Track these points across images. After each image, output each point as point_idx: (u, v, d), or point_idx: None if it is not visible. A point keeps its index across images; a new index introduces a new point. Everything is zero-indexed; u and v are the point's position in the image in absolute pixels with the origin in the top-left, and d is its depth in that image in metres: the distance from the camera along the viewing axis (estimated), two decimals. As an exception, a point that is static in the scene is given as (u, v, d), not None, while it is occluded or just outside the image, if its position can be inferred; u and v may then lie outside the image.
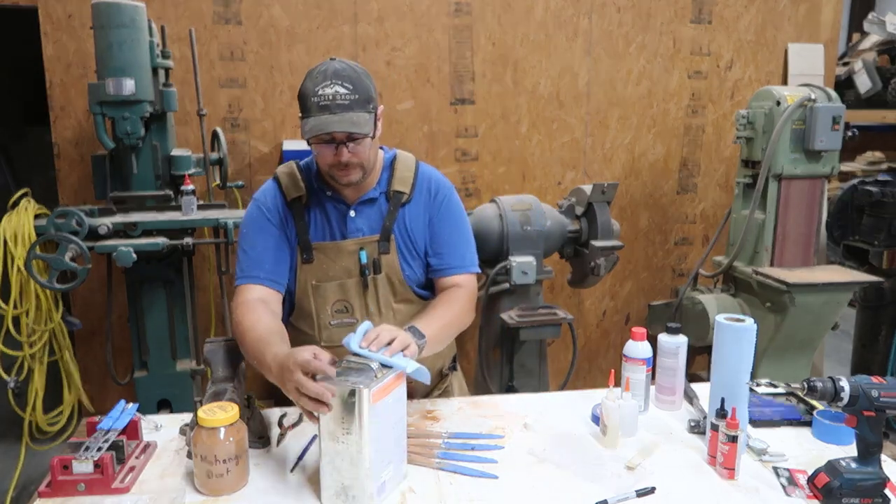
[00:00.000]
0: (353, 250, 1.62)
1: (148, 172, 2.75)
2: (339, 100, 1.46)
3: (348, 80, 1.47)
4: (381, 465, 1.25)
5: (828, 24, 3.75)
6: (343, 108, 1.46)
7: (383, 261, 1.63)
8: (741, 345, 1.42)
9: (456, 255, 1.68)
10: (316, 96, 1.46)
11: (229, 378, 1.53)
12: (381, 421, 1.23)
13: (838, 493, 1.26)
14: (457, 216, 1.70)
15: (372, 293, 1.64)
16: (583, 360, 3.84)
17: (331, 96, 1.45)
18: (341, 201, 1.63)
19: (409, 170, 1.67)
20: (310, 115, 1.47)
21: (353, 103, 1.47)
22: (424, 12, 3.34)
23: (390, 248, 1.63)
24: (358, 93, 1.47)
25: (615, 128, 3.65)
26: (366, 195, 1.63)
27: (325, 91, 1.46)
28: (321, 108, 1.46)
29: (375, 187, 1.64)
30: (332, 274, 1.63)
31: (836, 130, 2.83)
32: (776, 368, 2.99)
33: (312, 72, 1.50)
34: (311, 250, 1.62)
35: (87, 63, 3.05)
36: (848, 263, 3.33)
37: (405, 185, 1.65)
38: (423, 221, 1.66)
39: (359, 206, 1.63)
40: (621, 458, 1.43)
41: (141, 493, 1.29)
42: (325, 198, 1.64)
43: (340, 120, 1.45)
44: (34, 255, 2.41)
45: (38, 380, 2.66)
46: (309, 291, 1.63)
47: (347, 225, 1.63)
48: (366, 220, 1.64)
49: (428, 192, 1.67)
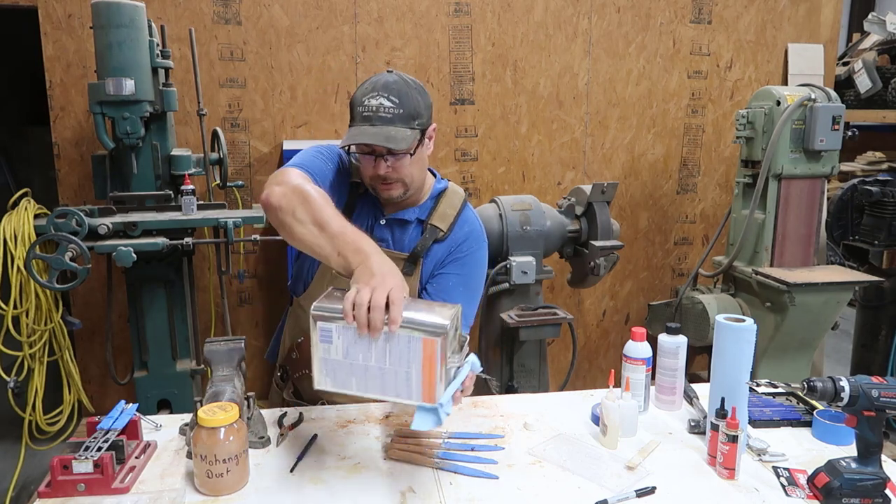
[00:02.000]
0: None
1: (148, 172, 2.75)
2: (382, 112, 1.44)
3: (396, 93, 1.45)
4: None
5: (828, 24, 3.75)
6: (384, 120, 1.44)
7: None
8: (741, 345, 1.42)
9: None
10: (361, 106, 1.46)
11: (229, 378, 1.53)
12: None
13: (838, 493, 1.25)
14: (471, 271, 1.64)
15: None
16: (583, 360, 3.84)
17: (374, 108, 1.44)
18: (379, 207, 1.62)
19: (454, 208, 1.64)
20: (353, 124, 1.47)
21: (396, 117, 1.45)
22: (424, 12, 3.34)
23: (415, 272, 1.60)
24: (403, 107, 1.45)
25: (615, 128, 3.65)
26: (402, 213, 1.61)
27: (371, 102, 1.45)
28: (363, 119, 1.45)
29: (415, 210, 1.61)
30: None
31: (836, 130, 2.83)
32: (776, 368, 2.99)
33: (367, 81, 1.50)
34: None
35: (87, 63, 3.05)
36: (848, 263, 3.33)
37: (444, 223, 1.62)
38: (439, 261, 1.62)
39: (390, 220, 1.61)
40: (621, 458, 1.43)
41: (141, 493, 1.29)
42: (368, 196, 1.62)
43: (377, 133, 1.43)
44: (34, 255, 2.41)
45: (38, 380, 2.65)
46: (327, 276, 1.58)
47: (374, 230, 1.61)
48: (391, 234, 1.62)
49: (457, 237, 1.63)
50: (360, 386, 1.20)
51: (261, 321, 3.49)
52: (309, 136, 3.34)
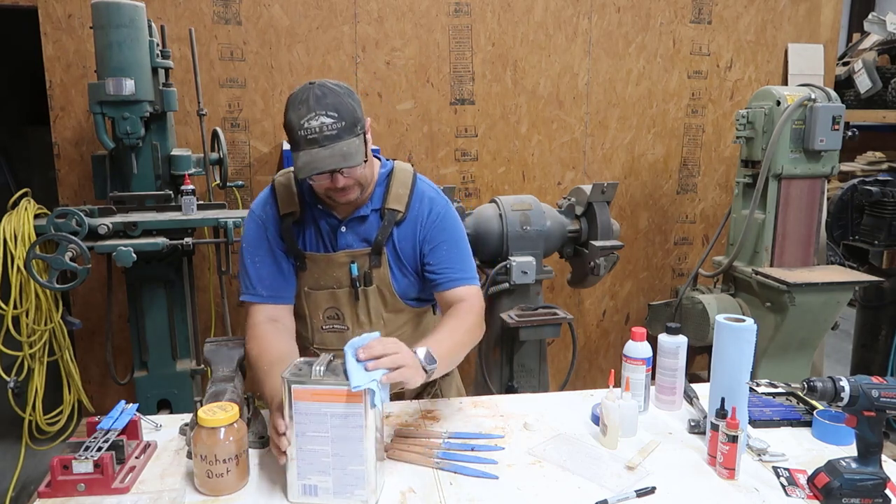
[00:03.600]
0: (343, 262, 1.63)
1: (148, 172, 2.75)
2: (327, 131, 1.41)
3: (331, 107, 1.42)
4: (307, 468, 1.25)
5: (828, 24, 3.75)
6: (331, 139, 1.42)
7: (374, 274, 1.64)
8: (741, 345, 1.42)
9: (456, 269, 1.64)
10: (302, 129, 1.42)
11: (229, 378, 1.53)
12: (306, 421, 1.23)
13: (838, 493, 1.25)
14: (452, 231, 1.66)
15: (363, 303, 1.65)
16: (583, 360, 3.84)
17: (317, 128, 1.41)
18: (333, 216, 1.63)
19: (405, 186, 1.64)
20: (299, 149, 1.44)
21: (342, 131, 1.43)
22: (424, 12, 3.34)
23: (381, 262, 1.63)
24: (344, 119, 1.43)
25: (615, 128, 3.65)
26: (357, 212, 1.62)
27: (311, 124, 1.42)
28: (310, 142, 1.42)
29: (368, 204, 1.63)
30: (324, 283, 1.65)
31: (836, 130, 2.83)
32: (776, 368, 2.99)
33: (294, 101, 1.45)
34: (304, 259, 1.64)
35: (87, 63, 3.05)
36: (848, 263, 3.33)
37: (400, 203, 1.62)
38: (414, 241, 1.64)
39: (350, 223, 1.63)
40: (621, 458, 1.43)
41: (141, 493, 1.29)
42: (318, 212, 1.64)
43: (332, 154, 1.42)
44: (34, 255, 2.41)
45: (38, 380, 2.65)
46: (302, 297, 1.67)
47: (338, 240, 1.63)
48: (355, 235, 1.64)
49: (420, 214, 1.64)
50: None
51: (261, 321, 3.48)
52: (309, 136, 3.34)
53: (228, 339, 1.65)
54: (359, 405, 1.22)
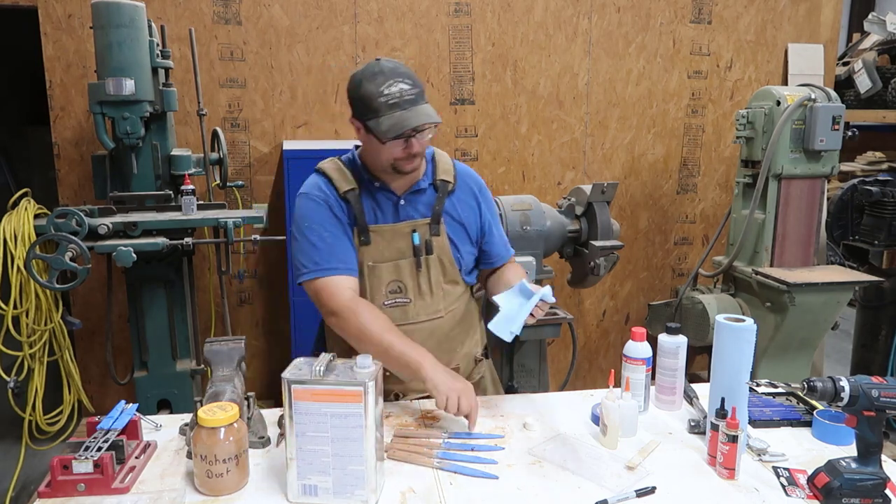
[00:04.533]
0: (406, 232, 1.69)
1: (148, 172, 2.75)
2: (406, 95, 1.53)
3: (406, 76, 1.55)
4: (307, 468, 1.26)
5: (828, 24, 3.75)
6: (412, 102, 1.54)
7: (435, 242, 1.70)
8: (741, 345, 1.42)
9: (503, 245, 1.85)
10: (383, 96, 1.52)
11: (229, 378, 1.53)
12: (306, 421, 1.24)
13: (838, 493, 1.25)
14: (495, 209, 1.86)
15: (424, 273, 1.70)
16: (583, 360, 3.84)
17: (397, 94, 1.52)
18: (391, 192, 1.69)
19: (449, 164, 1.77)
20: (380, 115, 1.53)
21: (418, 97, 1.55)
22: (424, 12, 3.34)
23: (441, 231, 1.71)
24: (417, 86, 1.56)
25: (615, 128, 3.65)
26: (416, 186, 1.70)
27: (391, 90, 1.52)
28: (391, 107, 1.52)
29: (423, 178, 1.72)
30: (388, 255, 1.69)
31: (836, 130, 2.83)
32: (776, 368, 2.99)
33: (366, 74, 1.56)
34: (369, 233, 1.67)
35: (87, 63, 3.05)
36: (848, 263, 3.33)
37: (449, 175, 1.74)
38: (474, 211, 1.77)
39: (408, 196, 1.70)
40: (621, 458, 1.43)
41: (141, 493, 1.29)
42: (375, 189, 1.69)
43: (416, 114, 1.53)
44: (34, 255, 2.41)
45: (38, 380, 2.65)
46: (365, 272, 1.68)
47: (399, 212, 1.69)
48: (414, 207, 1.70)
49: (471, 187, 1.78)
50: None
51: (261, 321, 3.49)
52: (309, 136, 3.34)
53: (228, 339, 1.65)
54: (359, 405, 1.22)
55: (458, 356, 1.79)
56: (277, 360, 3.51)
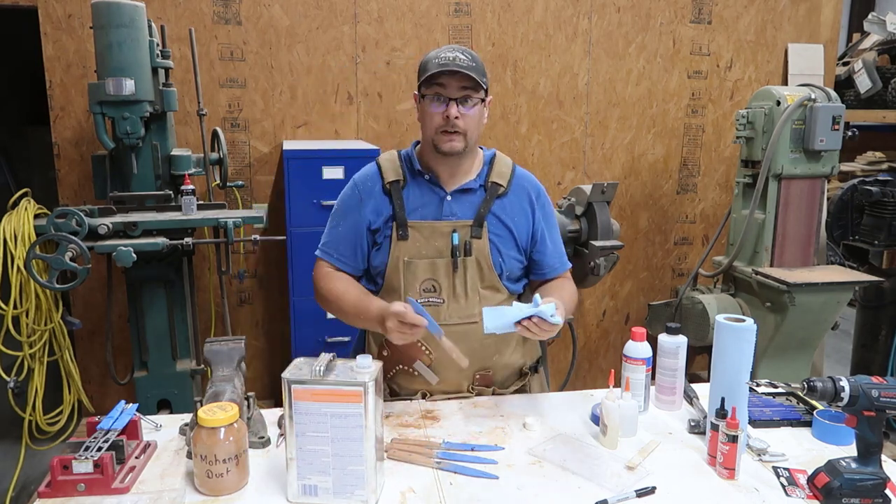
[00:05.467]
0: (446, 231, 1.67)
1: (148, 172, 2.75)
2: (459, 62, 1.56)
3: (469, 54, 1.60)
4: (307, 468, 1.26)
5: (828, 24, 3.75)
6: (462, 67, 1.56)
7: (474, 245, 1.67)
8: (741, 345, 1.42)
9: (557, 256, 1.80)
10: (438, 58, 1.57)
11: (229, 378, 1.53)
12: (306, 421, 1.24)
13: (838, 493, 1.25)
14: (554, 219, 1.82)
15: (461, 275, 1.67)
16: (583, 360, 3.84)
17: (451, 58, 1.57)
18: (440, 186, 1.69)
19: (507, 167, 1.76)
20: (430, 70, 1.58)
21: (471, 69, 1.57)
22: (424, 12, 3.34)
23: (482, 234, 1.68)
24: (476, 63, 1.59)
25: (615, 128, 3.65)
26: (465, 184, 1.69)
27: (447, 55, 1.57)
28: (441, 66, 1.56)
29: (475, 178, 1.71)
30: (425, 252, 1.68)
31: (836, 130, 2.83)
32: (776, 368, 2.99)
33: (432, 51, 1.63)
34: (407, 227, 1.67)
35: (87, 63, 3.05)
36: (848, 263, 3.33)
37: (503, 179, 1.73)
38: (526, 217, 1.74)
39: (456, 194, 1.69)
40: (621, 458, 1.43)
41: (141, 493, 1.29)
42: (424, 181, 1.70)
43: (461, 68, 1.55)
44: (34, 255, 2.41)
45: (38, 380, 2.65)
46: (400, 267, 1.67)
47: (443, 208, 1.68)
48: (461, 206, 1.69)
49: (529, 193, 1.76)
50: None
51: (261, 321, 3.49)
52: (309, 136, 3.35)
53: (228, 339, 1.64)
54: (359, 405, 1.22)
55: (494, 365, 1.74)
56: (277, 360, 3.51)
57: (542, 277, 1.78)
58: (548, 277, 1.78)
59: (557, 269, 1.79)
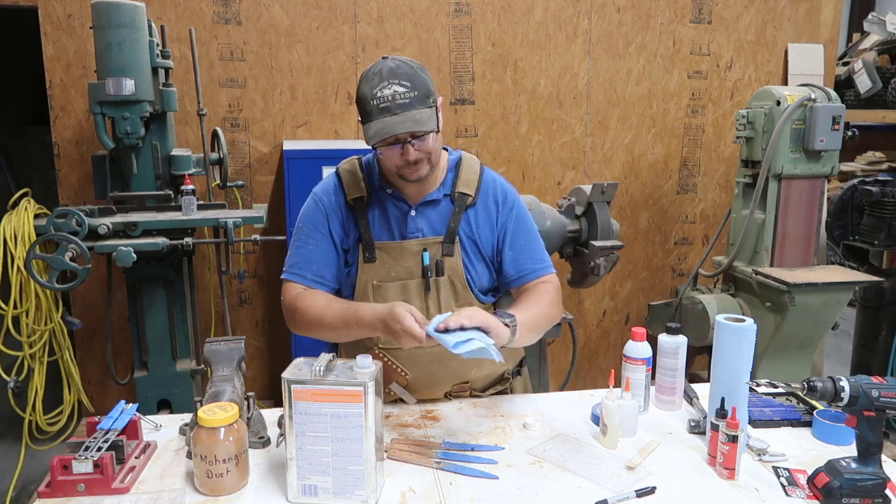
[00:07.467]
0: (416, 251, 1.59)
1: (148, 172, 2.75)
2: (399, 99, 1.43)
3: (405, 77, 1.44)
4: (307, 468, 1.26)
5: (828, 24, 3.75)
6: (404, 107, 1.43)
7: (446, 263, 1.60)
8: (741, 345, 1.42)
9: (535, 259, 1.66)
10: (375, 99, 1.43)
11: (229, 378, 1.53)
12: (306, 421, 1.23)
13: (838, 493, 1.25)
14: (527, 221, 1.69)
15: (433, 296, 1.60)
16: (583, 360, 3.84)
17: (390, 97, 1.43)
18: (402, 200, 1.61)
19: (474, 173, 1.65)
20: (371, 119, 1.45)
21: (414, 101, 1.44)
22: (424, 12, 3.34)
23: (454, 251, 1.60)
24: (417, 89, 1.44)
25: (615, 128, 3.65)
26: (428, 196, 1.60)
27: (384, 92, 1.43)
28: (382, 111, 1.43)
29: (439, 188, 1.61)
30: (395, 274, 1.60)
31: (836, 130, 2.83)
32: (776, 368, 2.99)
33: (367, 74, 1.47)
34: (374, 249, 1.59)
35: (87, 63, 3.05)
36: (848, 263, 3.33)
37: (470, 188, 1.62)
38: (491, 226, 1.64)
39: (420, 207, 1.60)
40: (621, 458, 1.43)
41: (141, 493, 1.29)
42: (386, 196, 1.61)
43: (403, 120, 1.43)
44: (34, 255, 2.41)
45: (38, 380, 2.65)
46: (370, 291, 1.60)
47: (408, 225, 1.60)
48: (426, 220, 1.61)
49: (495, 198, 1.65)
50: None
51: (261, 321, 3.49)
52: (309, 136, 3.35)
53: (228, 339, 1.64)
54: (359, 405, 1.22)
55: (473, 377, 1.70)
56: (277, 360, 3.51)
57: (518, 283, 1.65)
58: (524, 282, 1.65)
59: (532, 272, 1.65)
